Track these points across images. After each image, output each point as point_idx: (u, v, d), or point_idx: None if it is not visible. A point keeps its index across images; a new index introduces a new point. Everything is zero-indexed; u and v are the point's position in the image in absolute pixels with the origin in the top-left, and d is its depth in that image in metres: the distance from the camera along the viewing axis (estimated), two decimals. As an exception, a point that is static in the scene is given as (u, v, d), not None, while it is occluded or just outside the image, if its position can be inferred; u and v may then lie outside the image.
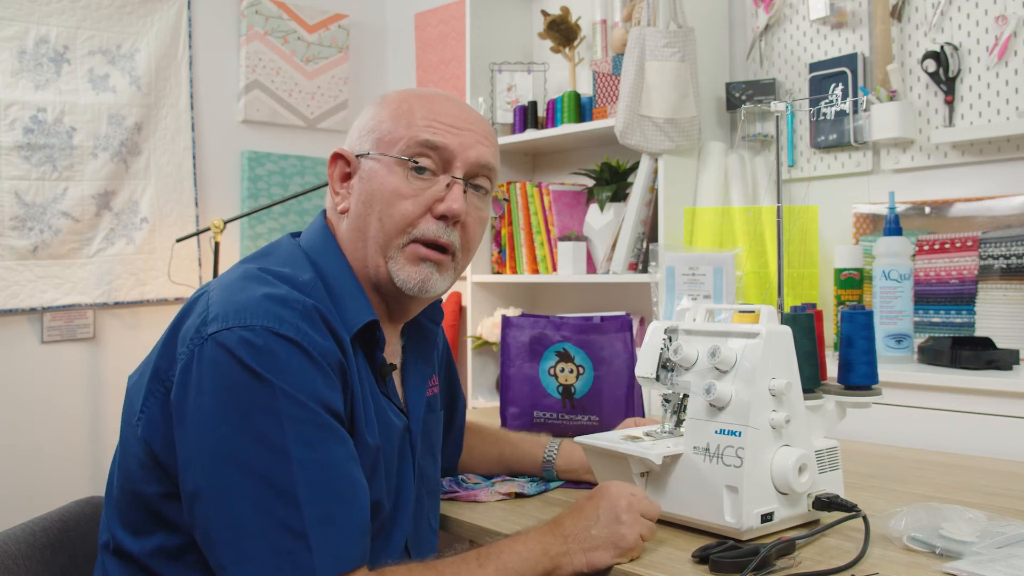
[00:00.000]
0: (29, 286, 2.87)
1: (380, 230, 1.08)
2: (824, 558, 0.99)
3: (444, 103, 1.12)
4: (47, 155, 2.90)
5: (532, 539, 1.01)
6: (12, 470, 2.86)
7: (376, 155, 1.09)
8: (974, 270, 2.01)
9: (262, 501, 0.88)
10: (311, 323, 0.96)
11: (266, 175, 3.42)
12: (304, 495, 0.88)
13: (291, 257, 1.08)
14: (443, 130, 1.09)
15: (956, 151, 2.18)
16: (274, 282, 1.00)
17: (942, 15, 2.19)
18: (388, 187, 1.07)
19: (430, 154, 1.08)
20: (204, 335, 0.93)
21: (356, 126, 1.14)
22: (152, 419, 0.97)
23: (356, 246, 1.10)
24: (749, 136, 2.54)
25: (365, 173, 1.10)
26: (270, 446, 0.89)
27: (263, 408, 0.90)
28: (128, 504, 1.01)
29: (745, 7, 2.62)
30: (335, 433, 0.94)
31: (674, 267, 1.86)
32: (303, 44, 3.53)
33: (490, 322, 2.87)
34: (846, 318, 1.21)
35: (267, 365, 0.91)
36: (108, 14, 3.03)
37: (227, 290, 0.98)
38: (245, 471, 0.89)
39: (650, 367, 1.17)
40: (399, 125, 1.09)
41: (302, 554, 0.87)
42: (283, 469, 0.89)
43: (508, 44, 3.08)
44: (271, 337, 0.92)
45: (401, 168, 1.08)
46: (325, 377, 0.95)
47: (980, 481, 1.36)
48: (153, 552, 0.98)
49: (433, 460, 1.23)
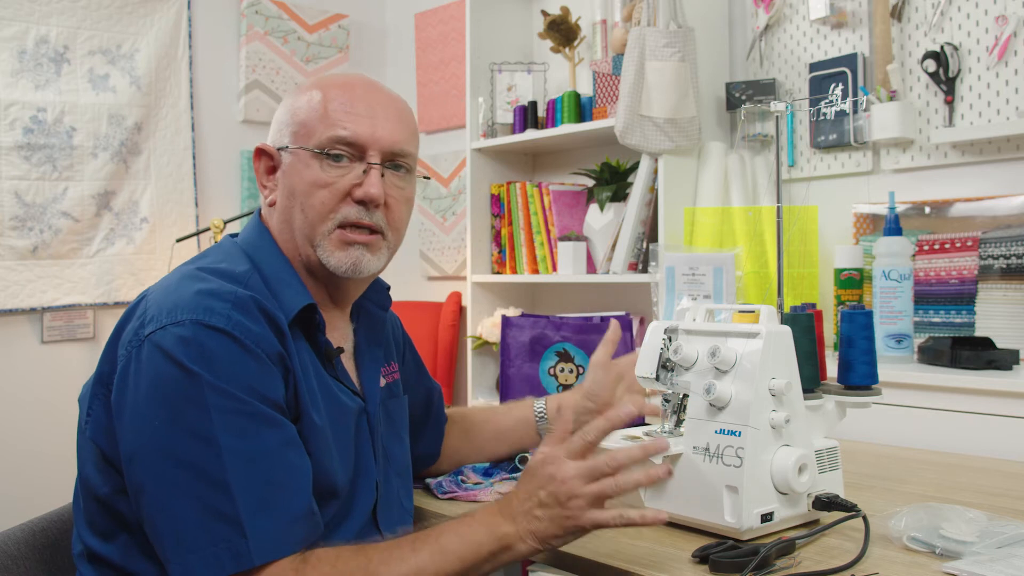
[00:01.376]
0: (29, 286, 2.87)
1: (304, 221, 1.10)
2: (824, 558, 0.99)
3: (356, 91, 1.13)
4: (47, 155, 2.90)
5: (477, 520, 0.97)
6: (12, 470, 2.86)
7: (294, 148, 1.12)
8: (974, 270, 2.01)
9: (196, 492, 0.90)
10: (244, 312, 0.98)
11: (266, 175, 3.42)
12: (236, 483, 0.90)
13: (227, 254, 1.11)
14: (354, 121, 1.11)
15: (956, 151, 2.18)
16: (208, 278, 1.02)
17: (942, 15, 2.19)
18: (307, 179, 1.10)
19: (343, 146, 1.11)
20: (141, 336, 0.96)
21: (275, 119, 1.16)
22: (98, 420, 1.01)
23: (286, 236, 1.13)
24: (749, 136, 2.54)
25: (286, 166, 1.13)
26: (201, 438, 0.91)
27: (193, 401, 0.92)
28: (93, 510, 1.04)
29: (745, 7, 2.62)
30: (268, 420, 0.96)
31: (674, 267, 1.86)
32: (303, 44, 3.53)
33: (490, 322, 2.87)
34: (846, 318, 1.21)
35: (195, 358, 0.93)
36: (108, 14, 3.03)
37: (163, 291, 1.01)
38: (179, 464, 0.91)
39: (650, 367, 1.17)
40: (312, 118, 1.11)
41: (237, 541, 0.89)
42: (214, 459, 0.91)
43: (508, 44, 3.08)
44: (200, 329, 0.95)
45: (317, 160, 1.10)
46: (259, 364, 0.97)
47: (980, 481, 1.36)
48: (123, 552, 1.01)
49: (399, 441, 1.24)
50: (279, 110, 1.16)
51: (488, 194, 2.98)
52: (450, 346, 3.24)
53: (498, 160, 3.03)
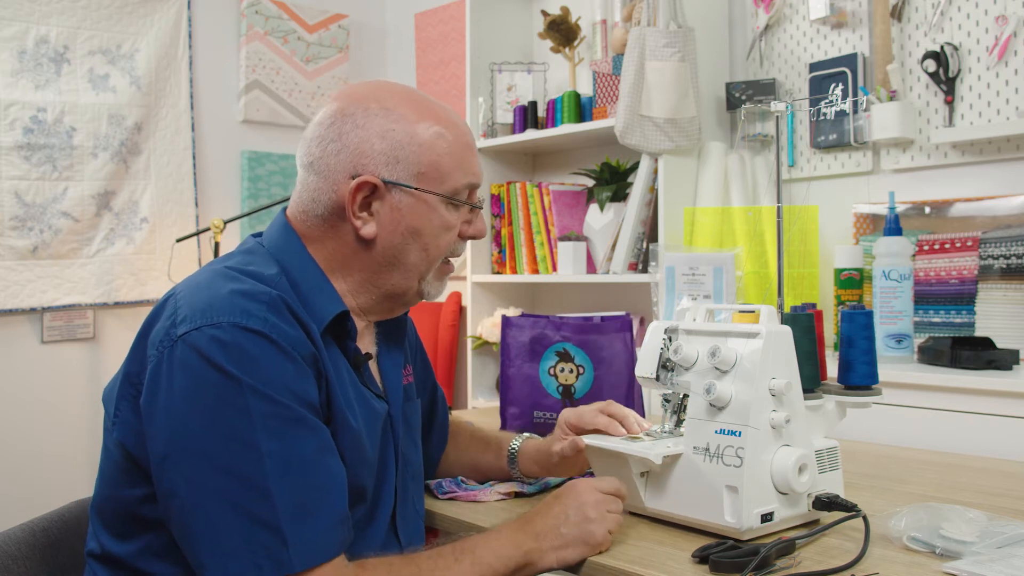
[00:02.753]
0: (29, 286, 2.87)
1: (424, 259, 1.12)
2: (824, 558, 0.99)
3: (466, 132, 1.15)
4: (47, 155, 2.90)
5: (505, 536, 1.04)
6: (12, 470, 2.86)
7: (421, 191, 1.09)
8: (974, 270, 2.01)
9: (235, 497, 0.89)
10: (278, 314, 0.98)
11: (266, 175, 3.42)
12: (276, 489, 0.90)
13: (255, 256, 1.10)
14: (476, 165, 1.15)
15: (956, 151, 2.18)
16: (240, 278, 1.01)
17: (942, 15, 2.19)
18: (436, 223, 1.11)
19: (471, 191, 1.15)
20: (174, 337, 0.95)
21: (375, 148, 1.08)
22: (126, 422, 0.99)
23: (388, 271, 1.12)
24: (749, 136, 2.54)
25: (405, 207, 1.09)
26: (241, 442, 0.91)
27: (232, 406, 0.91)
28: (112, 510, 1.03)
29: (745, 7, 2.62)
30: (307, 425, 0.95)
31: (674, 267, 1.86)
32: (303, 44, 3.53)
33: (490, 322, 2.87)
34: (846, 318, 1.21)
35: (236, 361, 0.92)
36: (108, 14, 3.03)
37: (194, 290, 1.00)
38: (217, 468, 0.90)
39: (650, 367, 1.17)
40: (446, 163, 1.10)
41: (277, 547, 0.89)
42: (254, 464, 0.90)
43: (508, 44, 3.08)
44: (239, 332, 0.94)
45: (444, 203, 1.11)
46: (296, 367, 0.96)
47: (980, 481, 1.36)
48: (140, 553, 1.00)
49: (415, 446, 1.25)
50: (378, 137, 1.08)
51: (488, 194, 2.98)
52: (450, 346, 3.25)
53: (498, 160, 3.03)
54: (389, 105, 1.10)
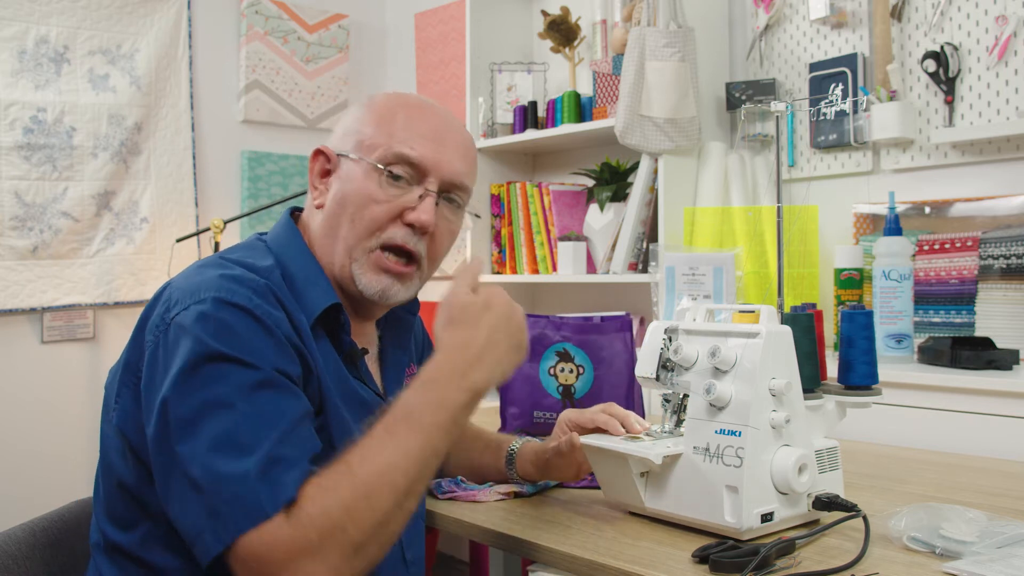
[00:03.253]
0: (29, 286, 2.87)
1: (351, 231, 1.10)
2: (824, 558, 0.99)
3: (428, 116, 1.14)
4: (47, 155, 2.90)
5: (441, 383, 0.96)
6: (12, 470, 2.86)
7: (355, 157, 1.12)
8: (974, 270, 2.01)
9: (212, 460, 0.88)
10: (263, 297, 0.99)
11: (266, 175, 3.42)
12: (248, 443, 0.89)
13: (252, 249, 1.12)
14: (422, 144, 1.11)
15: (956, 151, 2.18)
16: (230, 266, 1.04)
17: (942, 15, 2.19)
18: (362, 190, 1.10)
19: (406, 166, 1.11)
20: (167, 320, 0.97)
21: (341, 124, 1.17)
22: (125, 408, 1.00)
23: (326, 241, 1.13)
24: (749, 136, 2.54)
25: (343, 173, 1.13)
26: (217, 406, 0.90)
27: (212, 374, 0.92)
28: (114, 499, 1.03)
29: (745, 7, 2.62)
30: (286, 389, 0.95)
31: (674, 267, 1.86)
32: (303, 44, 3.53)
33: (490, 322, 2.87)
34: (846, 318, 1.21)
35: (214, 333, 0.93)
36: (108, 14, 3.03)
37: (185, 278, 1.03)
38: (198, 437, 0.89)
39: (650, 367, 1.17)
40: (380, 133, 1.11)
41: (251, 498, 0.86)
42: (230, 425, 0.89)
43: (508, 44, 3.08)
44: (220, 305, 0.95)
45: (376, 174, 1.10)
46: (277, 343, 0.97)
47: (980, 481, 1.36)
48: (142, 541, 1.00)
49: None
50: (347, 116, 1.16)
51: (488, 194, 2.98)
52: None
53: (498, 160, 3.04)
54: (376, 99, 1.16)
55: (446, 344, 0.99)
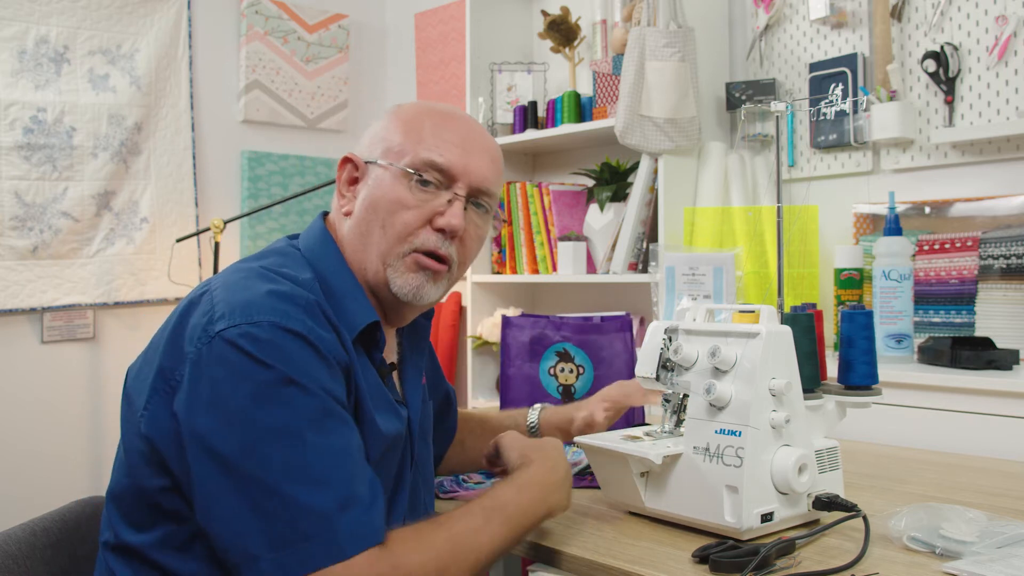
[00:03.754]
0: (29, 286, 2.87)
1: (382, 237, 1.11)
2: (824, 558, 0.99)
3: (456, 123, 1.15)
4: (47, 155, 2.90)
5: (533, 491, 1.07)
6: (12, 470, 2.86)
7: (384, 164, 1.12)
8: (974, 270, 2.01)
9: (284, 489, 0.89)
10: (315, 318, 0.99)
11: (266, 175, 3.42)
12: (323, 479, 0.91)
13: (289, 258, 1.11)
14: (450, 150, 1.12)
15: (956, 151, 2.18)
16: (277, 279, 1.02)
17: (942, 15, 2.19)
18: (392, 196, 1.11)
19: (435, 172, 1.12)
20: (211, 333, 0.95)
21: (369, 133, 1.17)
22: (155, 416, 0.98)
23: (356, 248, 1.13)
24: (749, 136, 2.54)
25: (372, 180, 1.13)
26: (286, 433, 0.91)
27: (273, 397, 0.92)
28: (132, 500, 1.02)
29: (745, 7, 2.62)
30: (344, 420, 0.97)
31: (674, 267, 1.86)
32: (303, 44, 3.53)
33: (490, 322, 2.87)
34: (846, 318, 1.21)
35: (273, 356, 0.93)
36: (108, 14, 3.03)
37: (231, 288, 1.00)
38: (264, 461, 0.90)
39: (650, 367, 1.17)
40: (408, 140, 1.12)
41: (328, 535, 0.89)
42: (300, 455, 0.91)
43: (508, 44, 3.08)
44: (277, 331, 0.94)
45: (406, 179, 1.11)
46: (330, 369, 0.97)
47: (980, 481, 1.36)
48: (157, 544, 0.99)
49: (427, 448, 1.26)
50: (376, 124, 1.17)
51: (488, 194, 2.98)
52: (450, 346, 3.25)
53: (498, 160, 3.03)
54: (404, 108, 1.17)
55: (537, 460, 1.13)
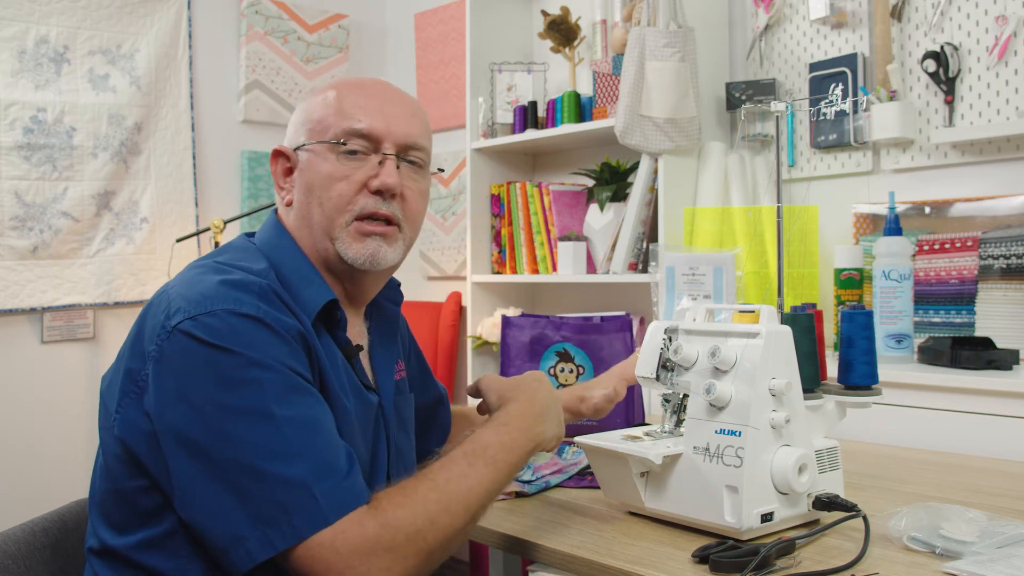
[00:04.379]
0: (29, 286, 2.87)
1: (322, 214, 1.12)
2: (824, 558, 0.99)
3: (369, 88, 1.16)
4: (47, 155, 2.90)
5: (513, 427, 1.08)
6: (12, 470, 2.86)
7: (310, 144, 1.14)
8: (974, 270, 2.01)
9: (259, 466, 0.91)
10: (269, 302, 1.00)
11: (266, 175, 3.41)
12: (298, 452, 0.92)
13: (244, 252, 1.13)
14: (368, 115, 1.13)
15: (956, 151, 2.18)
16: (229, 270, 1.04)
17: (942, 15, 2.19)
18: (323, 172, 1.12)
19: (358, 139, 1.13)
20: (169, 328, 0.97)
21: (291, 122, 1.19)
22: (127, 418, 1.00)
23: (304, 232, 1.14)
24: (749, 136, 2.54)
25: (303, 164, 1.14)
26: (256, 413, 0.92)
27: (237, 379, 0.93)
28: (112, 503, 1.03)
29: (745, 7, 2.62)
30: (310, 392, 0.98)
31: (674, 267, 1.86)
32: (303, 44, 3.53)
33: (490, 322, 2.87)
34: (846, 318, 1.21)
35: (232, 341, 0.95)
36: (108, 14, 3.03)
37: (185, 284, 1.02)
38: (237, 443, 0.91)
39: (650, 367, 1.17)
40: (327, 115, 1.13)
41: (310, 505, 0.90)
42: (272, 432, 0.92)
43: (508, 44, 3.08)
44: (232, 317, 0.96)
45: (333, 153, 1.12)
46: (290, 347, 0.99)
47: (980, 481, 1.36)
48: (138, 545, 1.00)
49: (408, 439, 1.27)
50: (295, 114, 1.19)
51: (488, 194, 2.98)
52: (450, 346, 3.25)
53: (498, 160, 3.03)
54: (315, 89, 1.19)
55: (515, 397, 1.13)
